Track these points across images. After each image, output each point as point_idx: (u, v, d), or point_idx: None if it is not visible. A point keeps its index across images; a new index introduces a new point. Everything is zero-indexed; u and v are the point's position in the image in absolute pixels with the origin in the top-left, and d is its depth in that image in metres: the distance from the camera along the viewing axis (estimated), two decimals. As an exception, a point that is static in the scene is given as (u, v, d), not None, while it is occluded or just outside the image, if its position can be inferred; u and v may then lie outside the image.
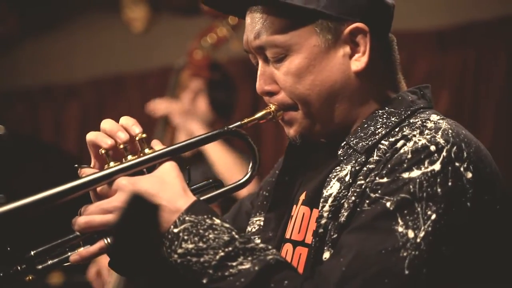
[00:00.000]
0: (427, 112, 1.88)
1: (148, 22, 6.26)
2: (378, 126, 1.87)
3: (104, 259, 4.04)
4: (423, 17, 4.76)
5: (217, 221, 1.75)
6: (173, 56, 4.96)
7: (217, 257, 1.70)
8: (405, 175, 1.70)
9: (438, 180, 1.68)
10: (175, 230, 1.73)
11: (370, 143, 1.84)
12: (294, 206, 1.98)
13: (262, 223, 2.06)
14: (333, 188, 1.82)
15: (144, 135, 1.85)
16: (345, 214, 1.77)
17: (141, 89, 6.05)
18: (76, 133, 6.50)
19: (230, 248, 1.71)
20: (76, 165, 1.84)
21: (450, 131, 1.76)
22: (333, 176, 1.85)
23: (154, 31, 6.27)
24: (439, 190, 1.68)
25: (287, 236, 1.96)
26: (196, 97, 4.27)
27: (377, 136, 1.85)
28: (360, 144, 1.85)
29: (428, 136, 1.74)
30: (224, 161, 3.97)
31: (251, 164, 1.91)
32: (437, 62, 4.86)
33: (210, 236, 1.72)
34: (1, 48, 6.74)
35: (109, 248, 1.78)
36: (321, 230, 1.80)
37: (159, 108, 4.18)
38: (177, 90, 4.35)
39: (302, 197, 1.96)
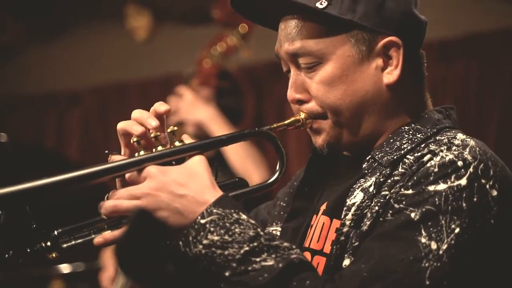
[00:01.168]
0: (453, 131, 1.90)
1: (151, 31, 6.26)
2: (404, 142, 1.89)
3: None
4: (427, 28, 4.77)
5: (244, 216, 1.76)
6: (176, 65, 4.97)
7: (242, 251, 1.71)
8: (431, 188, 1.72)
9: (464, 195, 1.71)
10: (202, 221, 1.74)
11: (395, 157, 1.86)
12: (314, 215, 2.00)
13: (279, 233, 2.07)
14: (357, 197, 1.84)
15: (175, 128, 1.87)
16: (368, 223, 1.79)
17: (143, 97, 6.04)
18: (79, 140, 6.49)
19: (255, 244, 1.72)
20: (107, 151, 1.85)
21: (477, 148, 1.78)
22: (357, 187, 1.87)
23: (157, 40, 6.27)
24: (464, 204, 1.70)
25: (306, 245, 1.97)
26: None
27: (402, 151, 1.86)
28: (385, 158, 1.87)
29: (456, 152, 1.76)
30: (242, 161, 3.96)
31: (278, 167, 1.93)
32: (440, 73, 4.86)
33: (236, 230, 1.73)
34: (5, 55, 6.73)
35: (118, 246, 1.77)
36: (342, 238, 1.82)
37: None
38: None
39: (323, 207, 1.98)
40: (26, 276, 4.76)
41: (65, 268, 4.87)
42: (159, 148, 1.83)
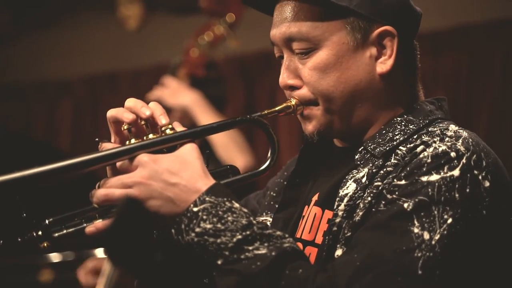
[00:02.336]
0: (445, 122, 1.91)
1: (142, 20, 6.26)
2: (396, 133, 1.89)
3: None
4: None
5: (236, 205, 1.76)
6: (167, 54, 4.96)
7: (234, 239, 1.71)
8: (424, 178, 1.73)
9: (457, 185, 1.71)
10: (195, 209, 1.73)
11: (387, 148, 1.86)
12: (306, 206, 2.00)
13: (269, 223, 2.07)
14: (349, 188, 1.84)
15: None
16: (360, 213, 1.79)
17: (134, 87, 6.04)
18: (69, 130, 6.49)
19: (247, 232, 1.72)
20: (97, 139, 1.84)
21: (470, 140, 1.79)
22: (349, 178, 1.87)
23: (148, 29, 6.27)
24: (457, 195, 1.70)
25: (298, 236, 1.97)
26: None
27: (395, 142, 1.87)
28: (378, 149, 1.87)
29: (449, 143, 1.77)
30: (225, 145, 3.96)
31: (269, 154, 1.93)
32: (431, 65, 4.88)
33: (229, 218, 1.72)
34: (-5, 44, 6.72)
35: (105, 234, 1.76)
36: (334, 229, 1.82)
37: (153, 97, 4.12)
38: None
39: (315, 198, 1.98)
40: (15, 265, 4.74)
41: (54, 257, 4.85)
42: (150, 136, 1.82)
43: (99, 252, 4.18)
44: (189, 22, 5.36)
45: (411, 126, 1.89)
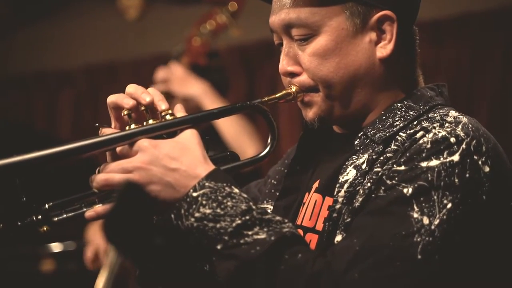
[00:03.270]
0: (446, 108, 1.90)
1: (142, 10, 6.25)
2: (396, 119, 1.88)
3: (102, 241, 4.06)
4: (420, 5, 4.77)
5: (236, 190, 1.75)
6: (167, 44, 4.94)
7: (234, 224, 1.70)
8: (423, 164, 1.72)
9: (456, 171, 1.70)
10: (194, 194, 1.73)
11: (387, 134, 1.86)
12: (307, 193, 2.00)
13: (270, 211, 2.06)
14: (349, 174, 1.84)
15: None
16: (360, 199, 1.78)
17: (135, 77, 6.03)
18: (70, 120, 6.49)
19: (247, 217, 1.71)
20: (97, 124, 1.84)
21: (470, 125, 1.78)
22: (349, 164, 1.86)
23: (148, 19, 6.26)
24: (456, 180, 1.70)
25: (298, 223, 1.97)
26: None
27: (395, 128, 1.86)
28: (378, 135, 1.87)
29: (448, 129, 1.76)
30: (236, 134, 3.96)
31: (269, 140, 1.92)
32: (432, 54, 4.87)
33: (228, 203, 1.72)
34: (-6, 34, 6.72)
35: (107, 218, 1.75)
36: (334, 215, 1.82)
37: (159, 79, 4.11)
38: None
39: (316, 185, 1.98)
40: (16, 255, 4.76)
41: (56, 247, 4.86)
42: (150, 121, 1.81)
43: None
44: (189, 11, 5.35)
45: (411, 112, 1.89)
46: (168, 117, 1.83)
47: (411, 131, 1.82)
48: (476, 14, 4.84)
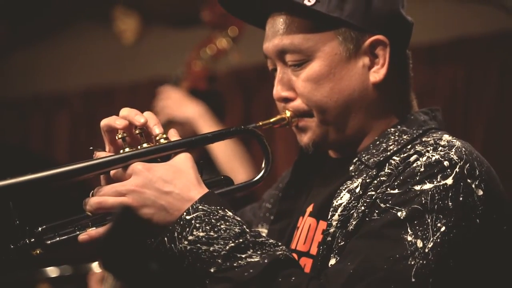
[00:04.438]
0: (439, 132, 1.91)
1: (139, 34, 6.26)
2: (390, 143, 1.89)
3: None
4: (415, 32, 4.77)
5: (229, 213, 1.76)
6: (164, 68, 4.97)
7: (227, 247, 1.70)
8: (417, 187, 1.73)
9: (450, 194, 1.71)
10: (188, 217, 1.73)
11: (381, 158, 1.86)
12: (301, 217, 2.00)
13: (265, 235, 2.06)
14: (343, 198, 1.84)
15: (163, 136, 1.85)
16: (354, 223, 1.78)
17: (131, 101, 6.03)
18: (66, 143, 6.48)
19: (240, 240, 1.72)
20: (91, 148, 1.84)
21: (463, 149, 1.78)
22: (343, 188, 1.86)
23: (144, 43, 6.28)
24: (450, 203, 1.70)
25: (293, 247, 1.97)
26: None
27: (388, 152, 1.87)
28: (372, 160, 1.87)
29: (442, 153, 1.77)
30: (227, 158, 3.95)
31: (263, 165, 1.92)
32: (428, 77, 4.88)
33: (222, 226, 1.72)
34: (-9, 57, 6.73)
35: (101, 244, 1.73)
36: (329, 239, 1.82)
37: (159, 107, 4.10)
38: None
39: (310, 209, 1.98)
40: (12, 280, 4.73)
41: (52, 271, 4.84)
42: (144, 145, 1.82)
43: (96, 266, 4.17)
44: (185, 35, 5.36)
45: (404, 137, 1.89)
46: (162, 141, 1.83)
47: (405, 154, 1.82)
48: (471, 37, 4.85)
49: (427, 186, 1.72)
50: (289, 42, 1.90)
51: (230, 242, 1.71)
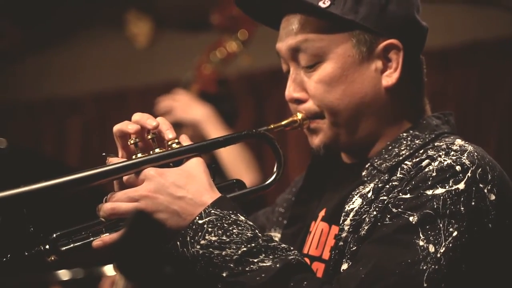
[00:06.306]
0: (452, 137, 1.90)
1: (151, 38, 6.27)
2: (402, 148, 1.89)
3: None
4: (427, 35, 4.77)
5: (242, 218, 1.76)
6: (176, 71, 4.96)
7: (239, 252, 1.71)
8: (429, 192, 1.72)
9: (462, 199, 1.71)
10: (200, 222, 1.74)
11: (393, 163, 1.86)
12: (313, 222, 2.00)
13: (278, 239, 2.07)
14: (355, 203, 1.84)
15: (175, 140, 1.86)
16: (366, 227, 1.79)
17: (144, 104, 6.01)
18: (78, 147, 6.48)
19: (252, 245, 1.72)
20: (104, 154, 1.85)
21: (475, 153, 1.78)
22: (355, 193, 1.87)
23: (157, 47, 6.28)
24: (462, 208, 1.70)
25: (305, 251, 1.97)
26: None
27: (400, 157, 1.87)
28: (384, 164, 1.87)
29: (454, 157, 1.77)
30: (233, 161, 3.95)
31: (275, 168, 1.92)
32: (440, 82, 4.87)
33: (234, 231, 1.73)
34: (4, 62, 6.73)
35: (116, 249, 1.74)
36: (341, 243, 1.82)
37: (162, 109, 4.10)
38: None
39: (322, 213, 1.98)
40: (23, 283, 4.74)
41: (63, 274, 4.84)
42: (157, 150, 1.83)
43: (109, 269, 4.18)
44: (198, 39, 5.37)
45: (417, 141, 1.89)
46: (174, 145, 1.83)
47: (417, 159, 1.82)
48: (483, 42, 4.84)
49: (439, 191, 1.72)
50: (304, 39, 1.90)
51: (242, 246, 1.71)
